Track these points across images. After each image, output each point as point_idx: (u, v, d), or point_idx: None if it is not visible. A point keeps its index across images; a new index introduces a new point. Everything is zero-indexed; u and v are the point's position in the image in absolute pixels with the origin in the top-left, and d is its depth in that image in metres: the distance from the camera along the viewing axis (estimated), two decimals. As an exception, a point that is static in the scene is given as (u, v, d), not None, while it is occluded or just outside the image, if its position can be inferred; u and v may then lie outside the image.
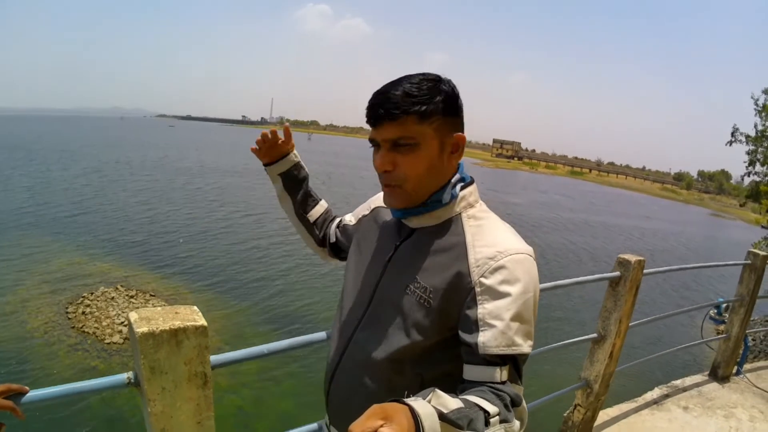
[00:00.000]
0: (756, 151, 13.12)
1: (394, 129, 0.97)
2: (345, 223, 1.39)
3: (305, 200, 1.42)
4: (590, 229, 29.20)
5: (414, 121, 0.96)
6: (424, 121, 0.97)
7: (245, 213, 21.25)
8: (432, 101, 0.97)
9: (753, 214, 20.40)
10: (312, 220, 1.43)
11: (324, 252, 1.45)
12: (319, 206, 1.44)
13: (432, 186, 1.03)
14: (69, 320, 9.43)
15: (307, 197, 1.42)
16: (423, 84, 0.98)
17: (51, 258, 12.70)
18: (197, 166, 38.11)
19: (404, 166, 1.00)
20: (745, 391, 3.86)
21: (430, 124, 0.98)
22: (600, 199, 55.36)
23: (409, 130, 0.97)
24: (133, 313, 1.14)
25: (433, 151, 1.00)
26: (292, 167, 1.39)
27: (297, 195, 1.41)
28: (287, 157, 1.38)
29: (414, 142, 0.98)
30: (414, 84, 0.97)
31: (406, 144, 0.98)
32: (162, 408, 1.15)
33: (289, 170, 1.39)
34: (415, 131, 0.97)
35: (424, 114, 0.96)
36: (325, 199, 1.48)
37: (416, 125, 0.97)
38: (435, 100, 0.97)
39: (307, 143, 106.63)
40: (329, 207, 1.47)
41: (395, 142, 0.99)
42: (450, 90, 1.00)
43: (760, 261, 3.84)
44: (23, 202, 19.11)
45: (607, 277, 2.85)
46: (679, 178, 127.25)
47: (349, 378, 1.11)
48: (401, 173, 1.00)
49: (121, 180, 27.09)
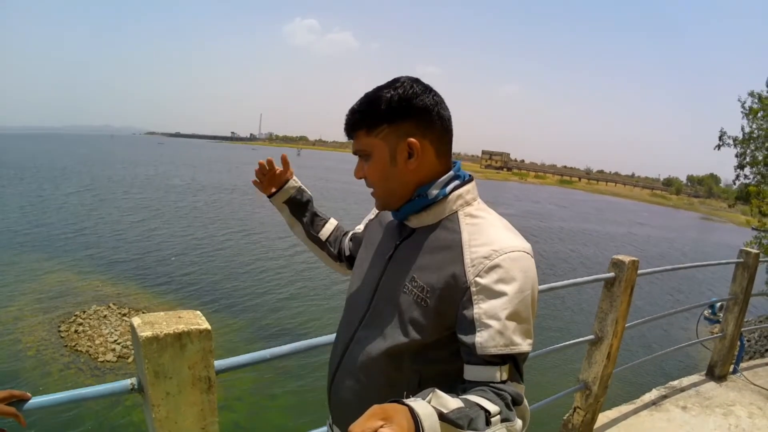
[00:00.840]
0: (744, 154, 13.22)
1: (354, 143, 1.09)
2: (355, 233, 1.42)
3: (313, 221, 1.46)
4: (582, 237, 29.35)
5: (363, 134, 1.06)
6: (371, 133, 1.05)
7: (238, 230, 21.17)
8: (374, 114, 1.03)
9: (743, 216, 20.60)
10: (324, 238, 1.46)
11: (342, 267, 1.47)
12: (329, 224, 1.48)
13: (398, 190, 1.08)
14: (62, 339, 9.35)
15: (314, 218, 1.46)
16: (370, 97, 1.04)
17: (43, 276, 12.60)
18: (188, 183, 37.98)
19: (368, 173, 1.09)
20: (743, 389, 3.88)
21: (377, 135, 1.04)
22: (590, 207, 55.67)
23: (361, 143, 1.07)
24: (136, 318, 1.14)
25: (384, 159, 1.05)
26: (295, 193, 1.44)
27: (305, 218, 1.46)
28: (288, 184, 1.43)
29: (366, 153, 1.07)
30: (363, 99, 1.05)
31: (363, 155, 1.09)
32: (166, 413, 1.15)
33: (292, 197, 1.44)
34: (365, 144, 1.06)
35: (369, 126, 1.04)
36: (333, 217, 1.52)
37: (365, 138, 1.06)
38: (377, 112, 1.03)
39: (296, 159, 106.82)
40: (339, 223, 1.51)
41: (357, 154, 1.10)
42: (396, 96, 1.02)
43: (753, 259, 3.88)
44: (15, 220, 18.98)
45: (602, 278, 2.87)
46: (669, 184, 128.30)
47: (349, 376, 1.11)
48: (368, 180, 1.10)
49: (112, 198, 26.95)
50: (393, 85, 1.03)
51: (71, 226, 18.95)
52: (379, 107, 1.02)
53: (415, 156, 1.03)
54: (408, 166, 1.04)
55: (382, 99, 1.02)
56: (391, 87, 1.03)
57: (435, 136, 1.05)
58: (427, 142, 1.04)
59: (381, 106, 1.02)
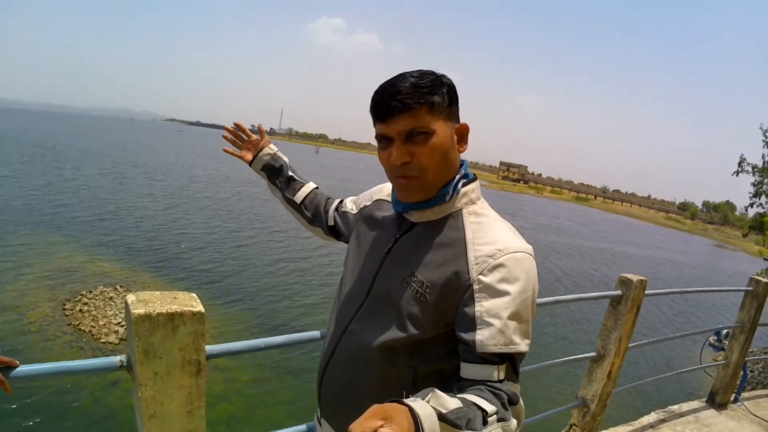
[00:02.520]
0: (762, 183, 13.11)
1: (407, 120, 0.97)
2: (345, 209, 1.39)
3: (288, 185, 1.49)
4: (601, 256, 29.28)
5: (426, 111, 0.97)
6: (434, 111, 0.98)
7: (253, 223, 21.25)
8: (439, 92, 0.99)
9: (756, 246, 20.34)
10: (299, 201, 1.47)
11: (318, 231, 1.48)
12: (304, 188, 1.49)
13: (446, 176, 1.04)
14: (66, 317, 9.42)
15: (289, 182, 1.49)
16: (427, 77, 0.99)
17: (53, 254, 12.76)
18: (207, 174, 38.16)
19: (421, 156, 0.99)
20: (743, 418, 3.81)
21: (440, 114, 0.99)
22: (608, 226, 55.45)
23: (423, 120, 0.98)
24: (130, 295, 1.14)
25: (447, 140, 1.01)
26: (269, 159, 1.49)
27: (280, 183, 1.49)
28: (262, 151, 1.50)
29: (429, 131, 0.98)
30: (418, 77, 0.99)
31: (422, 133, 0.98)
32: (153, 393, 1.14)
33: (267, 163, 1.49)
34: (429, 121, 0.98)
35: (434, 104, 0.98)
36: (314, 181, 1.53)
37: (428, 115, 0.98)
38: (441, 92, 0.99)
39: (314, 156, 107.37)
40: (318, 188, 1.51)
41: (410, 134, 0.98)
42: (450, 82, 1.02)
43: (762, 288, 3.81)
44: (35, 198, 19.24)
45: (608, 296, 2.83)
46: (684, 208, 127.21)
47: (342, 369, 1.10)
48: (419, 164, 1.00)
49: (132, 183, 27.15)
50: (434, 72, 1.01)
51: (87, 208, 19.20)
52: (443, 87, 1.00)
53: (464, 141, 1.05)
54: (460, 150, 1.05)
55: (444, 81, 1.01)
56: (433, 73, 1.01)
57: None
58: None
59: (445, 87, 1.00)
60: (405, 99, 0.96)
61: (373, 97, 1.02)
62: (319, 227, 1.45)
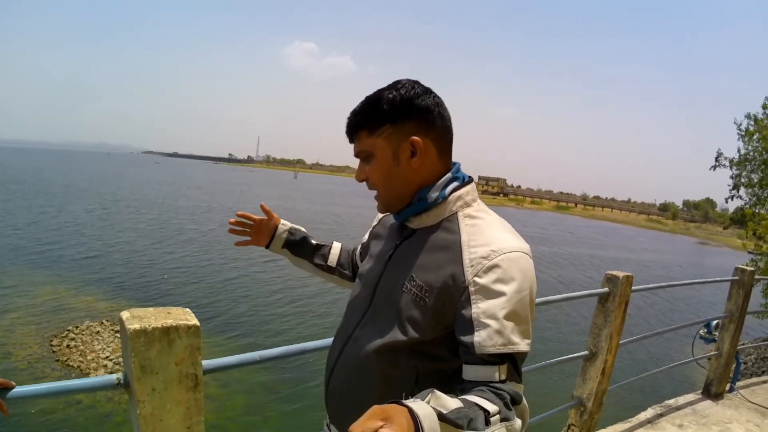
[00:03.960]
0: (740, 175, 13.36)
1: (355, 145, 1.10)
2: (363, 244, 1.41)
3: (317, 253, 1.47)
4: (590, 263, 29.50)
5: (365, 135, 1.07)
6: (373, 134, 1.05)
7: (236, 252, 20.97)
8: (376, 114, 1.04)
9: (738, 239, 20.64)
10: (334, 265, 1.46)
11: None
12: (333, 249, 1.48)
13: (401, 189, 1.08)
14: (54, 353, 9.22)
15: (317, 250, 1.47)
16: (372, 98, 1.06)
17: (37, 290, 12.51)
18: (197, 204, 37.84)
19: (370, 175, 1.09)
20: (740, 406, 3.84)
21: (380, 135, 1.05)
22: (591, 232, 55.97)
23: (363, 144, 1.08)
24: (125, 312, 1.14)
25: (387, 159, 1.06)
26: (288, 235, 1.45)
27: (307, 254, 1.46)
28: (278, 230, 1.44)
29: (369, 154, 1.08)
30: (365, 101, 1.06)
31: (365, 157, 1.09)
32: (151, 410, 1.13)
33: (287, 240, 1.45)
34: (368, 144, 1.07)
35: (372, 127, 1.05)
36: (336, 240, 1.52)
37: (368, 138, 1.06)
38: (380, 112, 1.04)
39: (293, 182, 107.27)
40: (343, 245, 1.51)
41: (359, 156, 1.11)
42: (398, 96, 1.03)
43: (748, 277, 3.88)
44: (19, 235, 18.92)
45: (596, 293, 2.86)
46: (665, 209, 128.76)
47: (346, 374, 1.11)
48: (371, 182, 1.11)
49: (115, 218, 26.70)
50: (395, 87, 1.05)
51: (71, 244, 18.80)
52: (381, 107, 1.04)
53: (418, 154, 1.05)
54: (411, 165, 1.05)
55: (384, 99, 1.04)
56: (392, 88, 1.05)
57: (436, 135, 1.06)
58: (429, 141, 1.05)
59: (383, 106, 1.03)
60: (348, 130, 1.09)
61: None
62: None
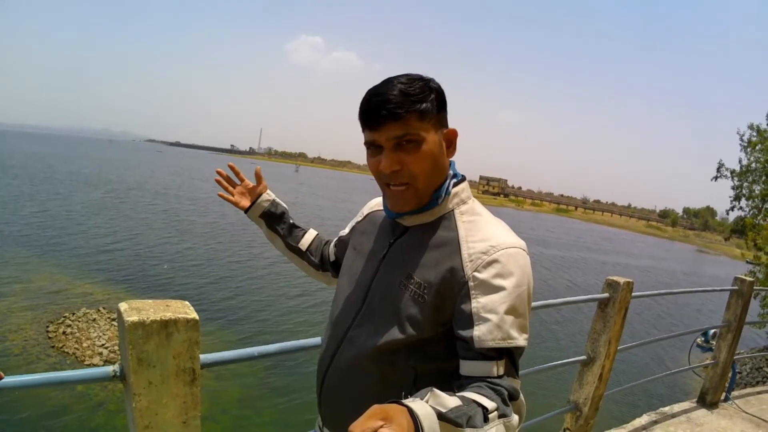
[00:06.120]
0: (741, 186, 13.32)
1: (397, 128, 0.97)
2: (341, 237, 1.38)
3: (291, 232, 1.44)
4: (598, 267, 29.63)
5: (416, 119, 0.97)
6: (423, 119, 0.98)
7: (237, 243, 20.95)
8: (428, 99, 0.98)
9: (737, 249, 20.64)
10: (304, 248, 1.44)
11: (326, 276, 1.45)
12: (308, 234, 1.46)
13: (437, 182, 1.04)
14: (49, 339, 9.25)
15: (292, 229, 1.45)
16: (416, 83, 0.98)
17: (34, 275, 12.53)
18: (190, 194, 37.75)
19: (411, 164, 0.99)
20: (734, 416, 3.84)
21: (429, 121, 0.99)
22: (590, 237, 56.02)
23: (413, 128, 0.97)
24: (123, 304, 1.12)
25: (435, 147, 1.01)
26: (269, 206, 1.43)
27: (282, 230, 1.44)
28: (261, 197, 1.43)
29: (419, 139, 0.98)
30: (407, 84, 0.98)
31: (411, 141, 0.98)
32: (147, 403, 1.12)
33: (267, 209, 1.43)
34: (418, 128, 0.97)
35: (423, 112, 0.97)
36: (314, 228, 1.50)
37: (418, 123, 0.97)
38: (430, 98, 0.99)
39: (294, 175, 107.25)
40: (319, 234, 1.49)
41: (399, 141, 0.98)
42: (438, 87, 1.02)
43: (747, 287, 3.87)
44: (17, 221, 18.90)
45: (596, 298, 2.85)
46: (665, 216, 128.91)
47: (342, 375, 1.09)
48: (409, 172, 0.99)
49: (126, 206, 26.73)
50: (422, 77, 1.00)
51: (72, 230, 18.82)
52: (430, 93, 0.99)
53: (453, 146, 1.05)
54: (448, 155, 1.05)
55: (430, 86, 1.00)
56: (421, 78, 1.00)
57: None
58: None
59: (432, 93, 1.00)
60: (394, 108, 0.95)
61: (362, 104, 1.01)
62: (327, 272, 1.43)
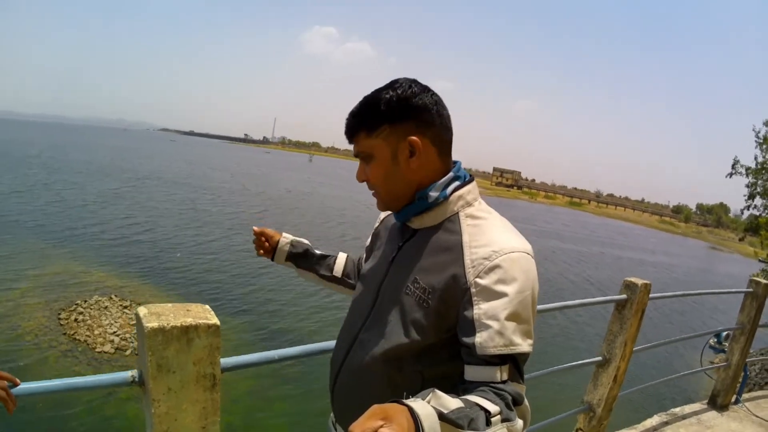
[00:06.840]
0: (756, 184, 13.12)
1: (354, 146, 1.09)
2: (366, 248, 1.40)
3: (322, 263, 1.47)
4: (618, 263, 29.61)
5: (364, 136, 1.06)
6: (371, 135, 1.05)
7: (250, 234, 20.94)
8: (374, 115, 1.04)
9: (750, 247, 20.42)
10: (340, 275, 1.46)
11: None
12: (339, 259, 1.49)
13: (401, 190, 1.08)
14: (61, 326, 9.32)
15: (321, 260, 1.48)
16: (369, 99, 1.05)
17: (48, 264, 12.62)
18: (206, 183, 37.86)
19: (370, 175, 1.09)
20: (744, 419, 3.80)
21: (378, 135, 1.04)
22: (604, 231, 55.85)
23: (362, 145, 1.07)
24: (142, 308, 1.12)
25: (386, 160, 1.06)
26: (290, 248, 1.46)
27: (312, 265, 1.47)
28: (279, 244, 1.46)
29: (368, 155, 1.07)
30: (362, 102, 1.06)
31: (364, 158, 1.09)
32: (167, 409, 1.12)
33: (289, 253, 1.46)
34: (366, 145, 1.07)
35: (369, 128, 1.05)
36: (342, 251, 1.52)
37: (366, 140, 1.06)
38: (377, 113, 1.03)
39: (308, 165, 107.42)
40: (349, 255, 1.51)
41: (358, 157, 1.10)
42: (395, 96, 1.03)
43: (762, 289, 3.82)
44: (32, 210, 19.07)
45: (613, 300, 2.83)
46: (678, 211, 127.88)
47: (352, 376, 1.12)
48: (371, 182, 1.10)
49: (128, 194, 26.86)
50: (392, 86, 1.04)
51: (85, 219, 18.95)
52: (378, 108, 1.03)
53: (417, 154, 1.04)
54: (410, 165, 1.05)
55: (381, 100, 1.03)
56: (389, 88, 1.04)
57: (435, 134, 1.05)
58: (428, 141, 1.04)
59: (380, 107, 1.03)
60: (347, 130, 1.09)
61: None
62: None
